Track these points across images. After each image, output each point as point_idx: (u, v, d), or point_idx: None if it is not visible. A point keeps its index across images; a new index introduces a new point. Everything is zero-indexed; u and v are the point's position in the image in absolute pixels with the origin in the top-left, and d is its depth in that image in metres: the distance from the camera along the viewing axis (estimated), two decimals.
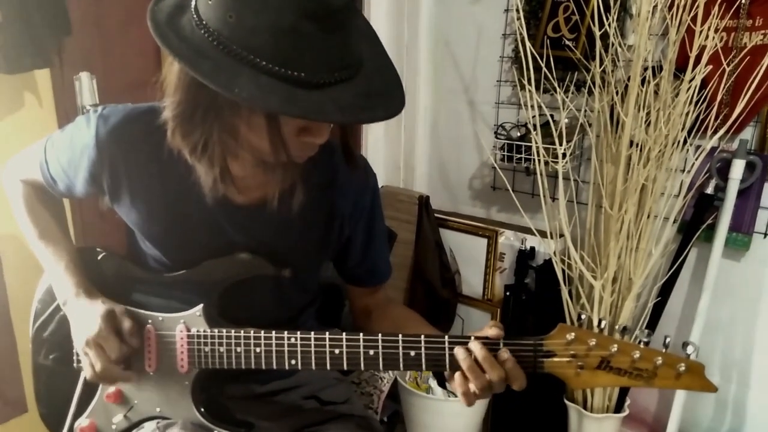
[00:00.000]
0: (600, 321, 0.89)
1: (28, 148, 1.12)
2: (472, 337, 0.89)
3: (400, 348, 0.92)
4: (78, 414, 1.09)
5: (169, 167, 0.95)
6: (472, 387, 0.88)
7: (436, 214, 2.33)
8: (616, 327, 0.87)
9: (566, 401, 1.94)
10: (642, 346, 0.85)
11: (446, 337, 0.91)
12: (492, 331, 0.90)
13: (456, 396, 2.19)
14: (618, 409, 1.91)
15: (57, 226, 1.12)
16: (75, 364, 1.10)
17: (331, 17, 0.73)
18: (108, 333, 0.98)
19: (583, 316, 0.94)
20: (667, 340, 0.85)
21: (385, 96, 0.83)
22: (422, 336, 0.91)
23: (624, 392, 1.92)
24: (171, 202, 0.99)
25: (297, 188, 0.92)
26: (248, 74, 0.75)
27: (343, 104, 0.77)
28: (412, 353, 0.91)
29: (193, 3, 0.81)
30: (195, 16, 0.79)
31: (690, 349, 0.84)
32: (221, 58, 0.75)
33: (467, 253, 2.30)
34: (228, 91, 0.74)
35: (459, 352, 0.89)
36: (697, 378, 0.84)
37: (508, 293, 2.18)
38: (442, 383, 0.95)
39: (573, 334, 0.86)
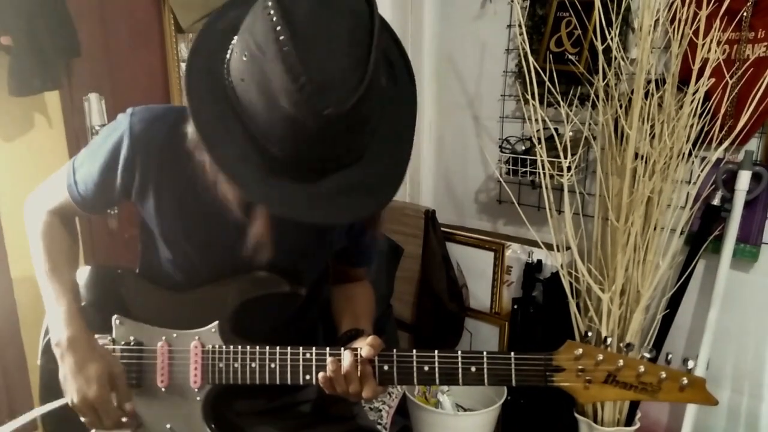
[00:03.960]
0: (606, 338, 0.93)
1: (48, 180, 1.12)
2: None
3: (414, 363, 0.94)
4: (87, 431, 1.09)
5: (197, 168, 0.95)
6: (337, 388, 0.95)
7: (442, 228, 2.33)
8: (621, 344, 0.90)
9: (576, 415, 1.93)
10: (646, 361, 0.89)
11: (459, 352, 0.93)
12: (367, 342, 0.94)
13: (465, 410, 2.19)
14: (629, 422, 1.90)
15: (67, 264, 1.10)
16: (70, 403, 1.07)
17: (322, 129, 0.74)
18: (108, 398, 0.99)
19: (590, 333, 0.97)
20: (669, 356, 0.91)
21: (374, 190, 0.83)
22: (436, 351, 0.93)
23: (635, 405, 1.90)
24: (196, 201, 0.98)
25: (266, 247, 0.93)
26: (241, 138, 0.77)
27: (319, 195, 0.79)
28: (426, 368, 0.93)
29: (236, 36, 0.81)
30: (228, 53, 0.81)
31: (690, 364, 0.88)
32: (226, 110, 0.78)
33: (474, 267, 2.31)
34: (209, 150, 0.77)
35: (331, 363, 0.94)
36: (698, 391, 0.88)
37: (515, 306, 2.18)
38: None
39: (581, 349, 0.90)
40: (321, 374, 0.95)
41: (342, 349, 0.95)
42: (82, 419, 1.01)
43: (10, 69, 1.49)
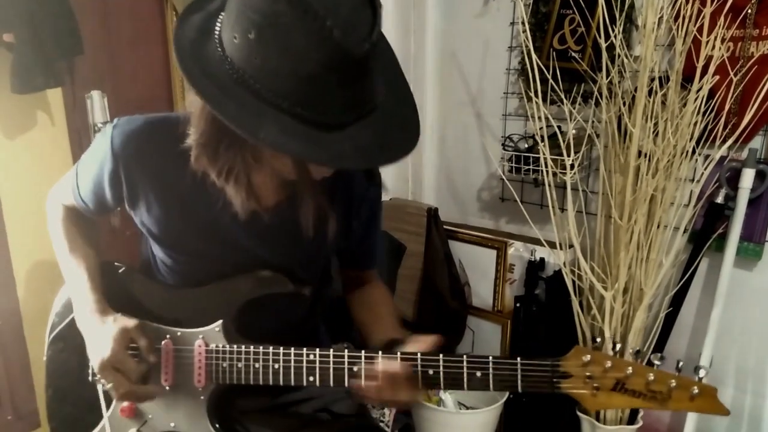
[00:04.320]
0: (614, 345, 0.91)
1: (64, 176, 1.15)
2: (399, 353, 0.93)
3: (419, 366, 0.93)
4: (91, 428, 1.09)
5: (185, 173, 0.96)
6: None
7: (444, 226, 2.33)
8: (630, 350, 0.88)
9: (579, 413, 1.92)
10: (656, 369, 0.87)
11: (464, 356, 0.92)
12: (426, 340, 0.94)
13: (467, 408, 2.19)
14: (631, 420, 1.90)
15: (87, 244, 1.13)
16: (90, 378, 1.10)
17: (353, 67, 0.75)
18: (123, 355, 0.99)
19: (598, 339, 0.96)
20: (680, 364, 0.88)
21: (401, 129, 0.85)
22: (441, 355, 0.92)
23: None
24: (188, 209, 1.00)
25: (330, 220, 0.96)
26: (271, 115, 0.77)
27: (361, 145, 0.80)
28: (431, 372, 0.93)
29: (217, 29, 0.82)
30: (219, 48, 0.81)
31: (702, 373, 0.87)
32: (245, 97, 0.78)
33: (477, 265, 2.30)
34: (253, 137, 0.77)
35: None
36: (709, 401, 0.86)
37: (518, 304, 2.17)
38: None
39: (589, 356, 0.88)
40: (356, 382, 0.94)
41: (379, 353, 0.95)
42: (108, 387, 1.01)
43: (12, 66, 1.49)
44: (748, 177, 1.70)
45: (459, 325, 2.34)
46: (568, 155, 1.78)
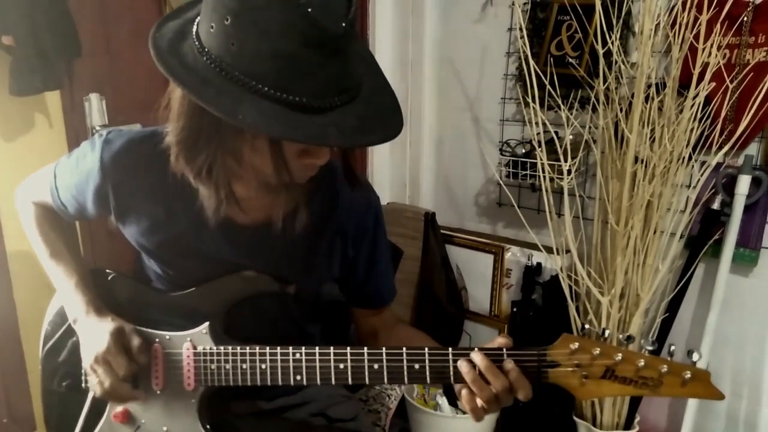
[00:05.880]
0: (604, 331, 0.87)
1: (38, 172, 1.14)
2: (476, 349, 0.90)
3: (404, 361, 0.92)
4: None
5: (174, 190, 0.97)
6: (479, 401, 0.88)
7: (442, 231, 2.34)
8: (620, 336, 0.85)
9: (575, 418, 1.92)
10: (647, 354, 0.84)
11: (450, 349, 0.91)
12: (499, 340, 0.91)
13: (464, 413, 2.18)
14: (628, 425, 1.90)
15: (67, 246, 1.14)
16: (83, 384, 1.10)
17: (330, 44, 0.75)
18: (116, 350, 0.99)
19: (587, 326, 0.93)
20: (672, 348, 0.85)
21: (384, 118, 0.84)
22: (426, 348, 0.91)
23: (633, 408, 1.90)
24: (175, 224, 1.00)
25: (300, 210, 0.94)
26: (251, 100, 0.76)
27: (344, 128, 0.78)
28: (416, 366, 0.91)
29: (194, 29, 0.82)
30: (197, 42, 0.81)
31: (695, 357, 0.83)
32: (224, 84, 0.77)
33: (474, 269, 2.31)
34: (231, 118, 0.76)
35: (462, 365, 0.89)
36: (703, 385, 0.83)
37: (515, 309, 2.18)
38: (452, 401, 0.96)
39: (577, 343, 0.85)
40: (464, 391, 0.89)
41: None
42: (94, 383, 1.00)
43: (11, 69, 1.49)
44: (744, 183, 1.71)
45: (456, 329, 2.34)
46: (565, 161, 1.78)
